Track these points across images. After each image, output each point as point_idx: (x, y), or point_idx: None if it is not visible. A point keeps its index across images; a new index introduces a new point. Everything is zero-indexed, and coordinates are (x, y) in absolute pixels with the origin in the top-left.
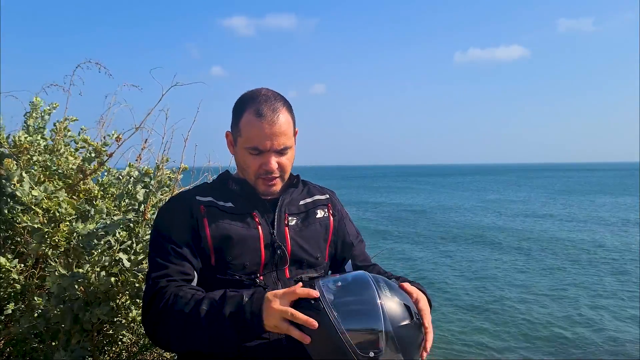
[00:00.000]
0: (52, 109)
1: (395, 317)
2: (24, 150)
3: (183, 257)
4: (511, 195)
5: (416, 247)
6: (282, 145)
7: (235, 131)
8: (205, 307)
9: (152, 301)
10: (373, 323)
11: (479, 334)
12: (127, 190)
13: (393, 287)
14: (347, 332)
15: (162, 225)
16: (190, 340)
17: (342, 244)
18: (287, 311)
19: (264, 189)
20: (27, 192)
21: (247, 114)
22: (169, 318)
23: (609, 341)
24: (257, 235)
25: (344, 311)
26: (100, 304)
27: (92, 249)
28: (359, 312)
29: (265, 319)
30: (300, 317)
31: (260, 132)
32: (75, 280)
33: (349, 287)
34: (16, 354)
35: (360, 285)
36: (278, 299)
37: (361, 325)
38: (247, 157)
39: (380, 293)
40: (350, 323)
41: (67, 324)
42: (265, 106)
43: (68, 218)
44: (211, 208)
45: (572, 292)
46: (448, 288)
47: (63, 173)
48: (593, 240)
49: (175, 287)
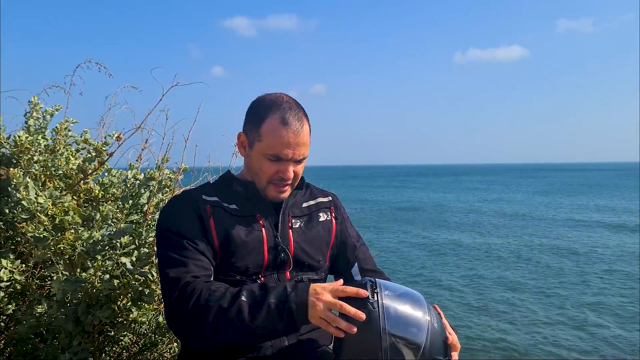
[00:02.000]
0: (54, 110)
1: (434, 346)
2: (25, 150)
3: (200, 251)
4: (515, 195)
5: (411, 243)
6: (302, 155)
7: (254, 135)
8: (245, 299)
9: (179, 299)
10: (417, 337)
11: (478, 333)
12: (133, 193)
13: (437, 316)
14: (389, 334)
15: (171, 222)
16: (230, 334)
17: (344, 246)
18: (336, 303)
19: (274, 195)
20: (33, 200)
21: (271, 120)
22: (205, 314)
23: (608, 340)
24: (261, 238)
25: (394, 314)
26: (102, 306)
27: (97, 254)
28: (407, 322)
29: (310, 309)
30: (350, 309)
31: (284, 140)
32: (79, 285)
33: (403, 297)
34: (17, 354)
35: (414, 299)
36: (327, 292)
37: (406, 335)
38: (263, 162)
39: (430, 314)
40: (395, 327)
41: (69, 327)
42: (291, 115)
43: (74, 226)
44: (217, 209)
45: (572, 292)
46: (444, 286)
47: (64, 173)
48: (590, 240)
49: (204, 282)
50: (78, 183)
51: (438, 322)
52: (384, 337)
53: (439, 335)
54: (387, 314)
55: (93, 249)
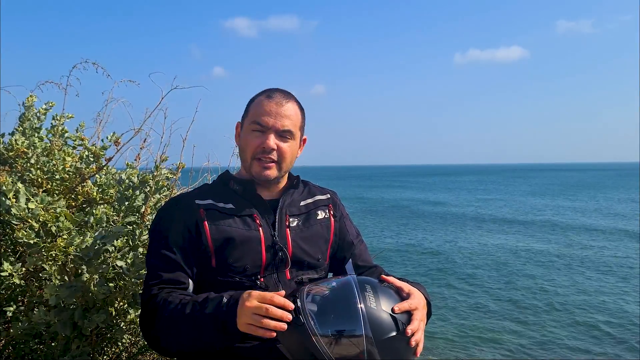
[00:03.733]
0: (48, 108)
1: (379, 328)
2: (21, 154)
3: (177, 264)
4: (519, 194)
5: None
6: (285, 126)
7: (245, 117)
8: (188, 310)
9: (146, 306)
10: (352, 329)
11: (477, 333)
12: (127, 195)
13: (381, 292)
14: (320, 337)
15: (159, 230)
16: (178, 341)
17: (343, 243)
18: (262, 307)
19: (258, 171)
20: (23, 207)
21: (258, 98)
22: (159, 321)
23: (609, 341)
24: (258, 237)
25: (323, 317)
26: (99, 310)
27: (91, 259)
28: (337, 318)
29: (238, 317)
30: (276, 311)
31: (265, 108)
32: (74, 290)
33: (332, 292)
34: (15, 356)
35: (343, 290)
36: (254, 298)
37: (340, 332)
38: (248, 136)
39: (363, 298)
40: (327, 329)
41: (67, 332)
42: (277, 92)
43: (66, 232)
44: (211, 211)
45: (572, 292)
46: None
47: (61, 177)
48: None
49: (166, 293)
50: (76, 186)
51: (384, 298)
52: (320, 344)
53: (382, 312)
54: (315, 317)
55: (86, 254)
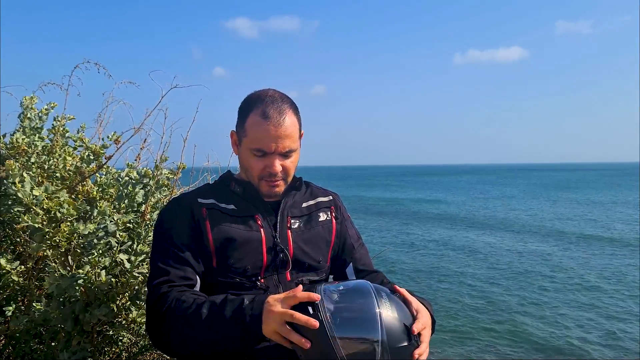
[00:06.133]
0: (50, 108)
1: (393, 336)
2: (22, 152)
3: (185, 261)
4: (520, 194)
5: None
6: (287, 148)
7: (241, 131)
8: (205, 310)
9: (155, 307)
10: (369, 332)
11: (476, 333)
12: (126, 192)
13: (394, 301)
14: (338, 339)
15: (164, 228)
16: (191, 343)
17: (343, 246)
18: (287, 313)
19: (267, 190)
20: (28, 192)
21: (253, 115)
22: (172, 322)
23: (608, 340)
24: (260, 238)
25: (340, 317)
26: (100, 305)
27: (92, 248)
28: (355, 320)
29: (264, 323)
30: (300, 317)
31: (265, 134)
32: (75, 281)
33: (349, 294)
34: (15, 356)
35: (360, 293)
36: (279, 302)
37: (356, 334)
38: (251, 158)
39: (380, 303)
40: (344, 331)
41: (68, 326)
42: (272, 108)
43: (69, 219)
44: (213, 210)
45: (571, 292)
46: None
47: (61, 175)
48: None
49: (177, 292)
50: (76, 185)
51: (397, 307)
52: (335, 344)
53: (397, 321)
54: (332, 318)
55: (89, 243)
